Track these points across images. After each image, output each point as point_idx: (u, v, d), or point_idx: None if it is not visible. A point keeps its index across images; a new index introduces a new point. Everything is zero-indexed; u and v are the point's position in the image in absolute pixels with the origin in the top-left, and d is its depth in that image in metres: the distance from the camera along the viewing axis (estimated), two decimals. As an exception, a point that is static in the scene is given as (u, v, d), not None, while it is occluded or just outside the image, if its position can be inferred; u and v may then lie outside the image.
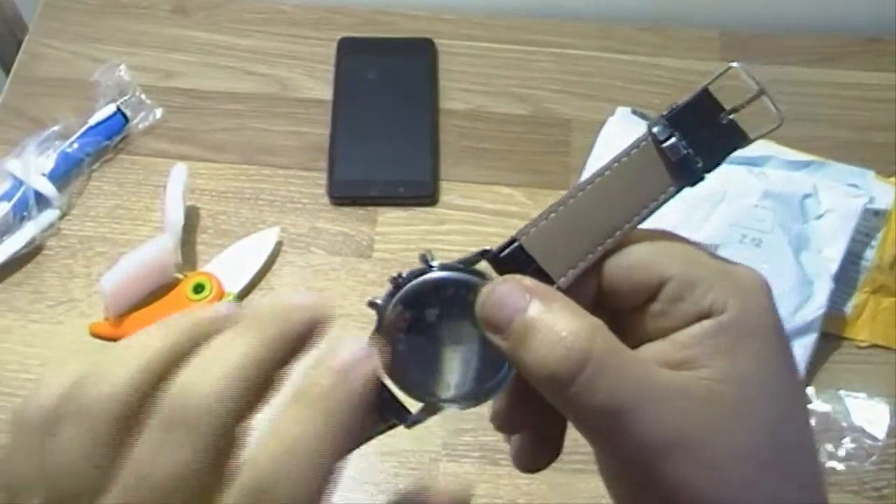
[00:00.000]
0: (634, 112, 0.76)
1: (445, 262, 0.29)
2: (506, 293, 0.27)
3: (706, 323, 0.27)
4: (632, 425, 0.25)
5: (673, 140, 0.29)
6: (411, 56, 0.82)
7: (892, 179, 0.72)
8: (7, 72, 0.82)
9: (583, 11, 0.86)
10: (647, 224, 0.29)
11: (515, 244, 0.29)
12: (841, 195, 0.68)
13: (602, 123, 0.75)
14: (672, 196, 0.29)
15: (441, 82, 0.81)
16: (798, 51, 0.83)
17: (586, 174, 0.73)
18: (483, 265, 0.29)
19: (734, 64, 0.30)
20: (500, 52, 0.83)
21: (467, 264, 0.29)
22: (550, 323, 0.26)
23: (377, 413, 0.28)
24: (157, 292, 0.68)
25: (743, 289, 0.28)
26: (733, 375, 0.26)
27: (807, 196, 0.68)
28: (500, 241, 0.29)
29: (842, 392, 0.67)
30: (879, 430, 0.65)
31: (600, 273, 0.29)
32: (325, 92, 0.80)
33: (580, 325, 0.26)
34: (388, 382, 0.28)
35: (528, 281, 0.27)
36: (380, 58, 0.81)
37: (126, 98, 0.77)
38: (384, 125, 0.78)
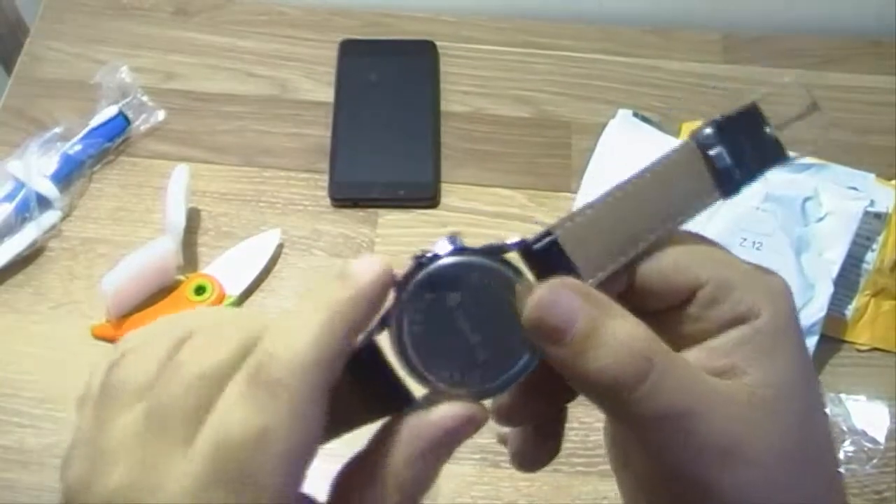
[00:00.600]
0: (636, 114, 0.76)
1: (474, 247, 0.28)
2: (562, 299, 0.26)
3: (744, 329, 0.27)
4: (691, 430, 0.26)
5: (719, 149, 0.29)
6: (412, 58, 0.82)
7: (893, 182, 0.72)
8: (9, 73, 0.82)
9: (584, 14, 0.86)
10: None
11: (550, 237, 0.28)
12: (842, 198, 0.68)
13: (603, 126, 0.75)
14: (709, 205, 0.29)
15: (442, 84, 0.81)
16: (799, 53, 0.83)
17: (587, 176, 0.74)
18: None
19: (787, 79, 0.29)
20: (501, 54, 0.83)
21: (496, 252, 0.28)
22: (612, 330, 0.26)
23: (379, 396, 0.27)
24: (158, 294, 0.68)
25: (773, 293, 0.28)
26: (771, 379, 0.27)
27: (808, 199, 0.68)
28: (534, 232, 0.28)
29: (842, 395, 0.67)
30: (880, 433, 0.65)
31: (633, 274, 0.29)
32: (327, 94, 0.80)
33: (640, 331, 0.26)
34: (395, 364, 0.27)
35: (582, 284, 0.27)
36: (381, 60, 0.81)
37: (127, 100, 0.77)
38: (385, 127, 0.78)
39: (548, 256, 0.28)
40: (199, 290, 0.68)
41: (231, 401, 0.24)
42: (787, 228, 0.67)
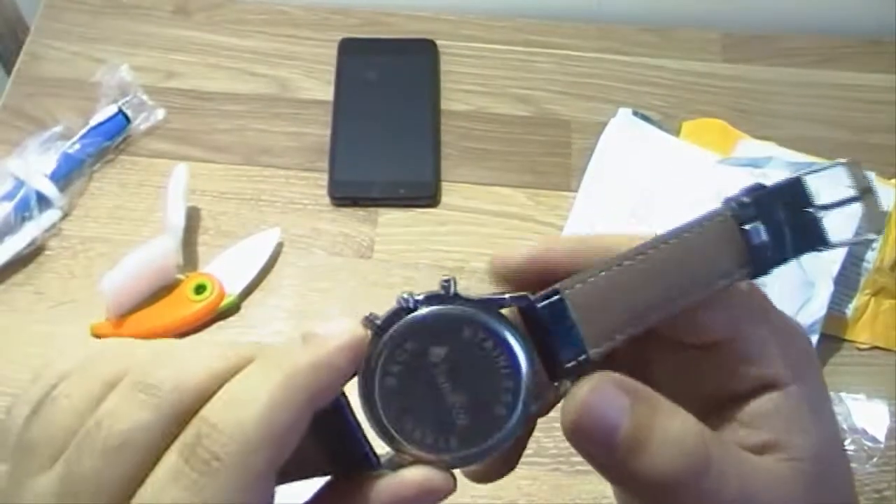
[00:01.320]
0: (636, 113, 0.76)
1: (469, 296, 0.25)
2: (608, 400, 0.23)
3: (776, 397, 0.26)
4: None
5: (756, 223, 0.26)
6: (412, 57, 0.82)
7: (893, 181, 0.73)
8: (9, 72, 0.82)
9: (584, 13, 0.86)
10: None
11: (557, 297, 0.25)
12: (841, 197, 0.68)
13: (603, 125, 0.75)
14: (735, 282, 0.26)
15: (442, 83, 0.81)
16: (798, 52, 0.83)
17: (588, 175, 0.74)
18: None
19: (842, 161, 0.27)
20: (501, 53, 0.83)
21: (494, 305, 0.25)
22: (661, 427, 0.24)
23: (339, 452, 0.25)
24: (158, 293, 0.68)
25: (805, 357, 0.27)
26: (810, 452, 0.26)
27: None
28: (541, 292, 0.25)
29: (842, 394, 0.67)
30: (880, 431, 0.65)
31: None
32: (327, 93, 0.80)
33: (691, 426, 0.24)
34: (362, 417, 0.25)
35: (628, 381, 0.24)
36: (381, 59, 0.81)
37: (127, 99, 0.77)
38: (385, 126, 0.78)
39: (550, 318, 0.25)
40: (199, 289, 0.68)
41: (163, 478, 0.21)
42: (787, 227, 0.67)
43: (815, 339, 0.65)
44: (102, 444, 0.22)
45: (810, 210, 0.26)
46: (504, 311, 0.25)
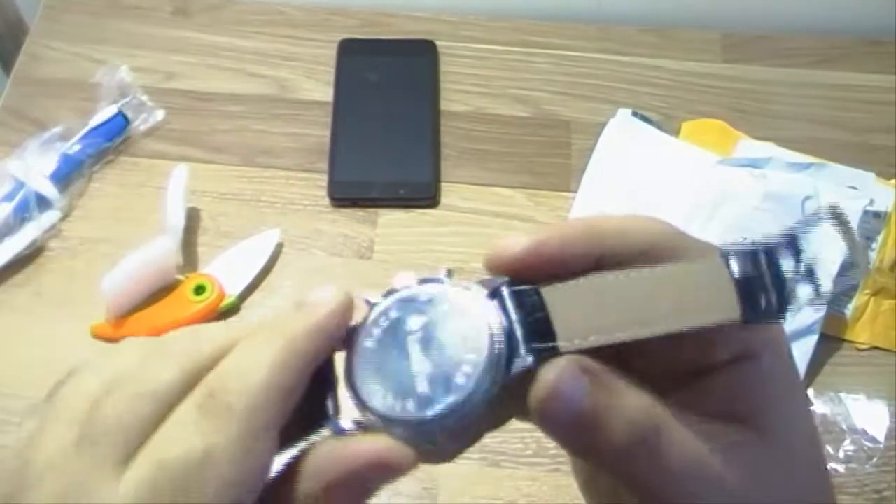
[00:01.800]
0: (635, 114, 0.76)
1: (459, 282, 0.27)
2: (568, 383, 0.25)
3: (748, 367, 0.26)
4: (694, 492, 0.25)
5: (749, 276, 0.25)
6: (412, 57, 0.82)
7: (893, 181, 0.73)
8: (8, 73, 0.82)
9: (583, 13, 0.86)
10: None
11: (533, 287, 0.26)
12: (841, 197, 0.68)
13: (602, 125, 0.75)
14: (725, 321, 0.25)
15: (442, 84, 0.81)
16: (798, 52, 0.83)
17: (587, 176, 0.74)
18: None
19: (823, 215, 0.26)
20: (500, 53, 0.83)
21: (477, 287, 0.27)
22: (616, 406, 0.25)
23: (314, 414, 0.26)
24: (158, 293, 0.68)
25: (772, 334, 0.27)
26: (779, 423, 0.26)
27: (807, 198, 0.68)
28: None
29: (842, 394, 0.67)
30: (879, 432, 0.65)
31: None
32: (326, 93, 0.80)
33: (643, 403, 0.25)
34: (340, 384, 0.27)
35: (583, 361, 0.25)
36: (380, 59, 0.81)
37: (127, 99, 0.77)
38: (385, 127, 0.78)
39: (526, 304, 0.26)
40: (199, 289, 0.68)
41: (177, 424, 0.24)
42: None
43: (814, 339, 0.65)
44: (127, 393, 0.24)
45: (801, 266, 0.26)
46: (483, 294, 0.27)
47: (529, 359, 0.25)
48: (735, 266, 0.25)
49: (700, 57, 0.83)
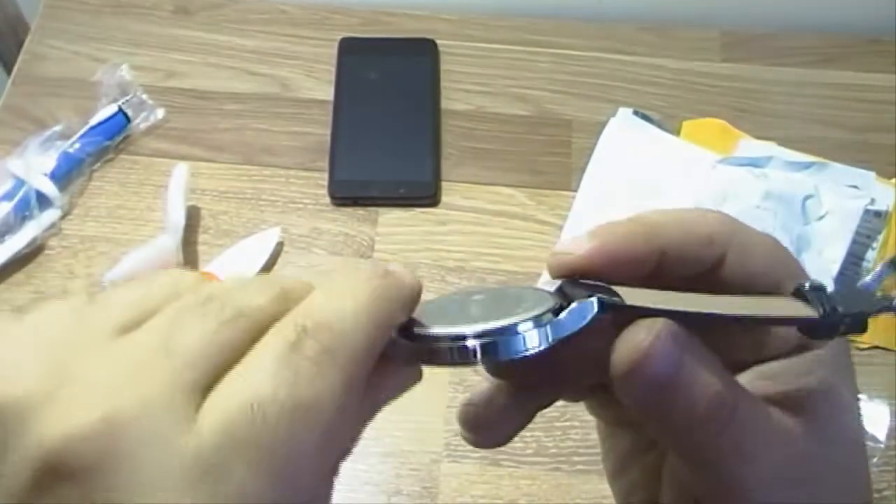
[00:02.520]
0: (636, 113, 0.76)
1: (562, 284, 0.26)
2: (662, 350, 0.23)
3: (809, 358, 0.26)
4: (747, 474, 0.25)
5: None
6: (412, 56, 0.82)
7: (893, 181, 0.73)
8: (9, 72, 0.82)
9: (583, 12, 0.86)
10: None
11: (600, 282, 0.25)
12: (842, 196, 0.68)
13: (603, 124, 0.75)
14: (801, 322, 0.25)
15: (442, 83, 0.81)
16: (798, 51, 0.83)
17: (588, 174, 0.74)
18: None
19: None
20: (501, 52, 0.83)
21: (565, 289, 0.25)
22: (700, 378, 0.24)
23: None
24: (158, 292, 0.68)
25: None
26: (835, 415, 0.26)
27: (808, 197, 0.68)
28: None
29: (842, 393, 0.67)
30: (880, 431, 0.65)
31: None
32: (327, 92, 0.80)
33: (724, 378, 0.24)
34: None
35: (676, 330, 0.24)
36: (381, 58, 0.81)
37: (127, 98, 0.77)
38: (385, 126, 0.78)
39: (591, 286, 0.25)
40: (200, 288, 0.68)
41: (268, 359, 0.21)
42: (787, 227, 0.67)
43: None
44: (217, 312, 0.22)
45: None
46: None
47: (594, 303, 0.24)
48: (814, 305, 0.25)
49: (700, 56, 0.83)
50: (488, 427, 0.28)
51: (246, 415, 0.20)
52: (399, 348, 0.24)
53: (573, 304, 0.24)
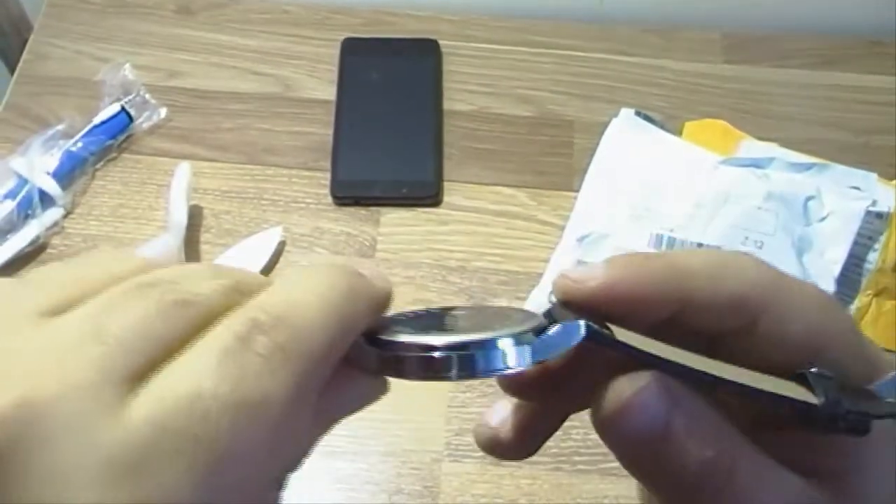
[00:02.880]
0: (638, 113, 0.76)
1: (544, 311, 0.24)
2: (647, 403, 0.22)
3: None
4: None
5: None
6: (415, 57, 0.82)
7: (894, 182, 0.73)
8: (12, 71, 0.82)
9: (586, 13, 0.86)
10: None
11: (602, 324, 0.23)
12: (843, 198, 0.68)
13: (605, 125, 0.75)
14: (800, 404, 0.23)
15: (445, 83, 0.81)
16: (800, 53, 0.83)
17: (590, 175, 0.74)
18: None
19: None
20: (503, 53, 0.83)
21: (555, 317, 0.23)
22: (693, 436, 0.22)
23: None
24: (160, 291, 0.68)
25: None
26: (871, 488, 0.24)
27: (810, 198, 0.68)
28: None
29: (843, 394, 0.67)
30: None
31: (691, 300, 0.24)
32: (329, 92, 0.80)
33: (722, 436, 0.23)
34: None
35: (667, 383, 0.22)
36: (383, 58, 0.81)
37: (130, 97, 0.77)
38: (387, 126, 0.78)
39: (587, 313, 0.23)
40: (202, 287, 0.68)
41: (216, 352, 0.19)
42: (788, 228, 0.67)
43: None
44: (158, 298, 0.19)
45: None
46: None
47: (582, 326, 0.22)
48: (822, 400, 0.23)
49: (703, 57, 0.83)
50: (509, 448, 0.27)
51: (183, 408, 0.18)
52: (363, 355, 0.23)
53: (557, 325, 0.22)
